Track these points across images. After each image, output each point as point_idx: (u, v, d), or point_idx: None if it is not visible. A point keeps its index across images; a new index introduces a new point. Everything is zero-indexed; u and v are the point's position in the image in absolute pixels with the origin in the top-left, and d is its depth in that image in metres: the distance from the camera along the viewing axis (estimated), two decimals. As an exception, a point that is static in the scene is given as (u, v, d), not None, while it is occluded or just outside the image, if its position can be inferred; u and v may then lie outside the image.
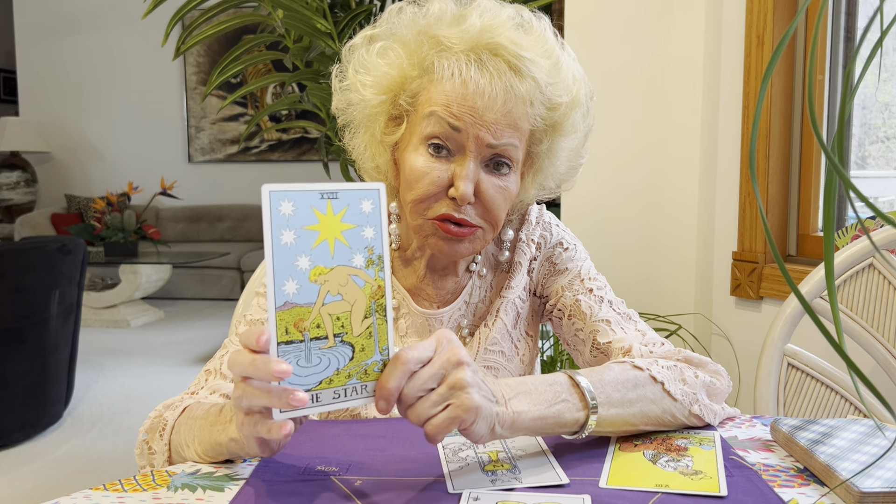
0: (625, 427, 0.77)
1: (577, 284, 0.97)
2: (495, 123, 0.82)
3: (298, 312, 0.60)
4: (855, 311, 1.18)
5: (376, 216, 0.64)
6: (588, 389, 0.74)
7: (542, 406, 0.71)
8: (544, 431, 0.72)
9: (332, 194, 0.61)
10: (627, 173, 2.03)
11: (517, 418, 0.69)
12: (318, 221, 0.61)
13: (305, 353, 0.61)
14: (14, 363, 2.68)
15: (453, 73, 0.83)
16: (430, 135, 0.84)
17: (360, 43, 0.91)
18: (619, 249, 2.05)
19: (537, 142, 0.89)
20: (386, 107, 0.89)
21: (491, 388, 0.68)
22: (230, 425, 0.70)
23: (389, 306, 0.65)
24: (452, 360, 0.65)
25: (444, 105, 0.83)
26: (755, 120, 0.50)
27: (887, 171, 1.84)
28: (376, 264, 0.64)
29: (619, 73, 2.01)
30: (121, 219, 4.80)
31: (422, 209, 0.86)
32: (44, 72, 6.34)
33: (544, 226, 1.00)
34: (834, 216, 0.49)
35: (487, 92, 0.82)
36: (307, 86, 2.16)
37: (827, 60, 1.75)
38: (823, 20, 1.72)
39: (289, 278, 0.60)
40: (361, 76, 0.90)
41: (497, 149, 0.84)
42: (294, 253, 0.60)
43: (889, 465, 0.67)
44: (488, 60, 0.83)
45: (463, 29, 0.84)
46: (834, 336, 0.48)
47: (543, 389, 0.73)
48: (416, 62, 0.86)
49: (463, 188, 0.83)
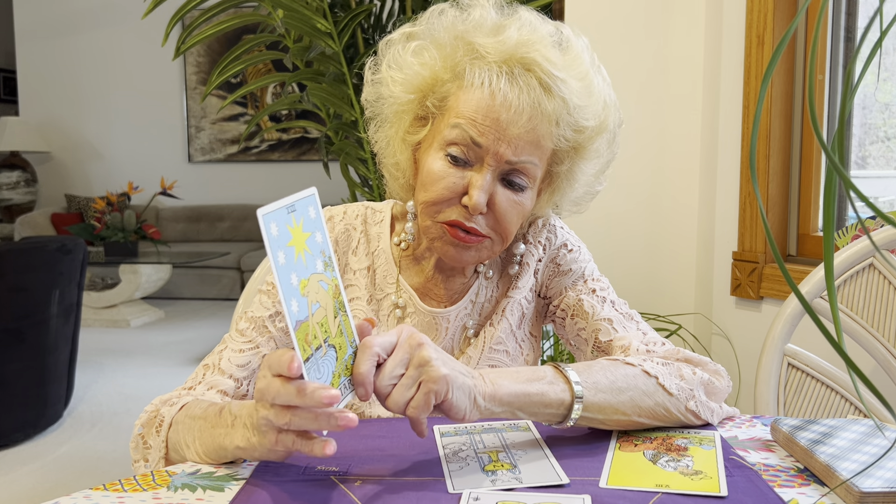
0: (616, 416, 0.77)
1: (581, 285, 0.97)
2: (517, 139, 0.83)
3: (304, 329, 0.61)
4: (855, 311, 1.18)
5: (319, 220, 0.65)
6: (571, 373, 0.75)
7: (522, 382, 0.73)
8: (531, 410, 0.74)
9: (291, 207, 0.62)
10: (628, 173, 2.03)
11: (497, 389, 0.71)
12: (291, 237, 0.62)
13: (315, 366, 0.62)
14: (14, 363, 2.68)
15: (483, 82, 0.83)
16: (451, 141, 0.85)
17: (397, 39, 0.91)
18: (619, 249, 2.05)
19: (559, 162, 0.89)
20: (413, 106, 0.90)
21: (463, 367, 0.71)
22: (233, 431, 0.70)
23: (346, 301, 0.67)
24: (413, 342, 0.68)
25: (470, 115, 0.83)
26: (755, 120, 0.50)
27: (887, 170, 1.84)
28: (329, 265, 0.66)
29: (619, 73, 2.01)
30: (121, 219, 4.80)
31: (433, 212, 0.87)
32: (44, 72, 6.34)
33: (549, 228, 1.01)
34: (834, 216, 0.49)
35: (514, 105, 0.82)
36: (307, 86, 2.16)
37: (827, 60, 1.75)
38: (823, 20, 1.72)
39: (292, 298, 0.60)
40: (394, 72, 0.90)
41: (515, 165, 0.84)
42: (288, 271, 0.60)
43: (889, 464, 0.67)
44: (520, 74, 0.83)
45: (499, 40, 0.84)
46: (834, 336, 0.48)
47: (524, 371, 0.75)
48: (449, 66, 0.87)
49: (476, 198, 0.83)
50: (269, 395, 0.62)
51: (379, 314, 0.96)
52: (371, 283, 0.97)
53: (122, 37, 6.15)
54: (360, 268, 0.97)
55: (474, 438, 0.78)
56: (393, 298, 0.96)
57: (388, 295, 0.96)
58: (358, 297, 0.96)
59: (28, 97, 6.41)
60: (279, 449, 0.66)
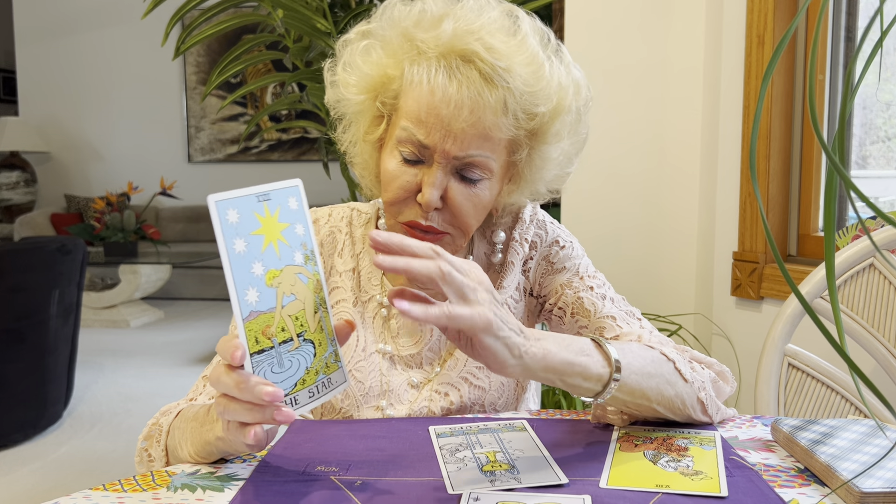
0: (641, 400, 0.76)
1: (577, 282, 0.96)
2: (462, 133, 0.81)
3: (264, 320, 0.60)
4: (855, 312, 1.18)
5: (302, 212, 0.64)
6: (612, 351, 0.73)
7: (571, 353, 0.71)
8: (568, 380, 0.71)
9: (265, 196, 0.61)
10: (628, 173, 2.03)
11: (547, 355, 0.68)
12: (260, 225, 0.61)
13: (277, 359, 0.61)
14: (14, 363, 2.68)
15: (422, 79, 0.81)
16: (401, 141, 0.84)
17: (353, 38, 0.90)
18: (619, 249, 2.05)
19: (517, 149, 0.87)
20: (368, 106, 0.89)
21: (515, 323, 0.68)
22: (217, 424, 0.70)
23: (327, 297, 0.66)
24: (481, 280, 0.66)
25: (414, 113, 0.82)
26: (755, 120, 0.50)
27: (888, 170, 1.84)
28: (311, 259, 0.65)
29: (618, 73, 2.01)
30: (120, 219, 4.80)
31: (394, 212, 0.87)
32: (44, 72, 6.34)
33: (539, 224, 0.99)
34: (835, 216, 0.49)
35: (454, 100, 0.80)
36: (307, 86, 2.16)
37: (827, 60, 1.75)
38: (824, 20, 1.72)
39: (249, 287, 0.59)
40: (347, 74, 0.90)
41: (464, 160, 0.83)
42: (248, 260, 0.59)
43: (890, 465, 0.67)
44: (458, 67, 0.81)
45: (436, 34, 0.82)
46: (834, 336, 0.48)
47: (570, 340, 0.72)
48: (396, 63, 0.85)
49: (428, 195, 0.83)
50: (211, 380, 0.62)
51: (365, 315, 0.96)
52: (356, 286, 0.97)
53: (122, 37, 6.15)
54: (346, 269, 0.97)
55: (471, 439, 0.78)
56: (378, 299, 0.96)
57: (373, 296, 0.96)
58: (344, 300, 0.96)
59: (28, 97, 6.41)
60: (230, 437, 0.65)
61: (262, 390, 0.59)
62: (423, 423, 0.84)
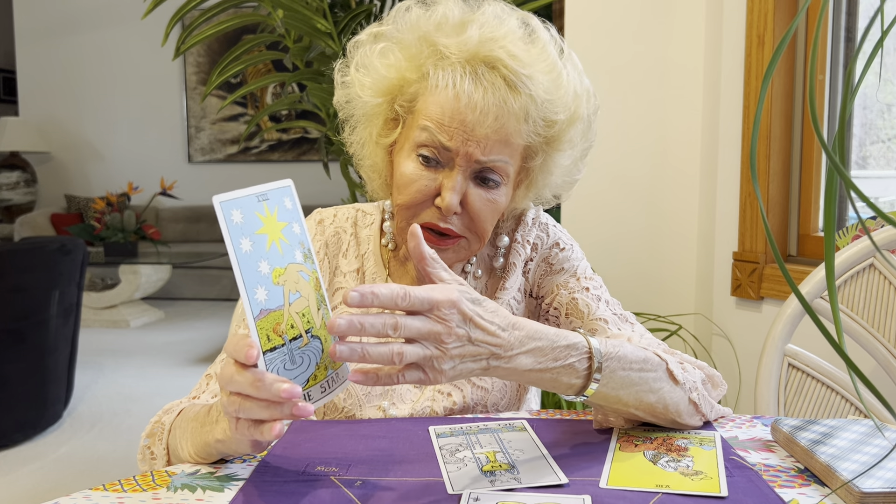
0: (617, 405, 0.75)
1: (573, 283, 0.96)
2: (486, 139, 0.82)
3: (274, 317, 0.60)
4: (855, 312, 1.18)
5: (296, 212, 0.65)
6: (596, 353, 0.72)
7: (545, 361, 0.69)
8: (542, 386, 0.71)
9: (263, 196, 0.62)
10: (628, 173, 2.03)
11: (513, 373, 0.68)
12: (262, 225, 0.61)
13: (289, 355, 0.62)
14: (14, 363, 2.68)
15: (447, 84, 0.82)
16: (421, 144, 0.84)
17: (364, 40, 0.90)
18: (619, 249, 2.05)
19: (532, 156, 0.88)
20: (383, 109, 0.89)
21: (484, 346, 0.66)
22: (215, 426, 0.70)
23: (326, 294, 0.67)
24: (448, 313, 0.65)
25: (437, 117, 0.83)
26: (756, 120, 0.50)
27: (888, 171, 1.84)
28: (309, 257, 0.65)
29: (618, 73, 2.01)
30: (121, 219, 4.80)
31: (408, 215, 0.87)
32: (44, 72, 6.34)
33: (541, 227, 1.00)
34: (835, 216, 0.49)
35: (480, 106, 0.81)
36: (307, 86, 2.16)
37: (827, 60, 1.75)
38: (824, 20, 1.72)
39: (257, 286, 0.60)
40: (361, 75, 0.90)
41: (486, 164, 0.84)
42: (255, 259, 0.60)
43: (890, 465, 0.67)
44: (484, 74, 0.82)
45: (462, 39, 0.83)
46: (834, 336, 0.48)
47: (552, 351, 0.70)
48: (415, 67, 0.86)
49: (449, 199, 0.83)
50: (223, 381, 0.62)
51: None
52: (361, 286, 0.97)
53: (122, 37, 6.15)
54: (350, 270, 0.97)
55: (470, 439, 0.78)
56: None
57: None
58: None
59: (28, 97, 6.41)
60: (240, 437, 0.64)
61: (280, 388, 0.59)
62: (424, 423, 0.84)
